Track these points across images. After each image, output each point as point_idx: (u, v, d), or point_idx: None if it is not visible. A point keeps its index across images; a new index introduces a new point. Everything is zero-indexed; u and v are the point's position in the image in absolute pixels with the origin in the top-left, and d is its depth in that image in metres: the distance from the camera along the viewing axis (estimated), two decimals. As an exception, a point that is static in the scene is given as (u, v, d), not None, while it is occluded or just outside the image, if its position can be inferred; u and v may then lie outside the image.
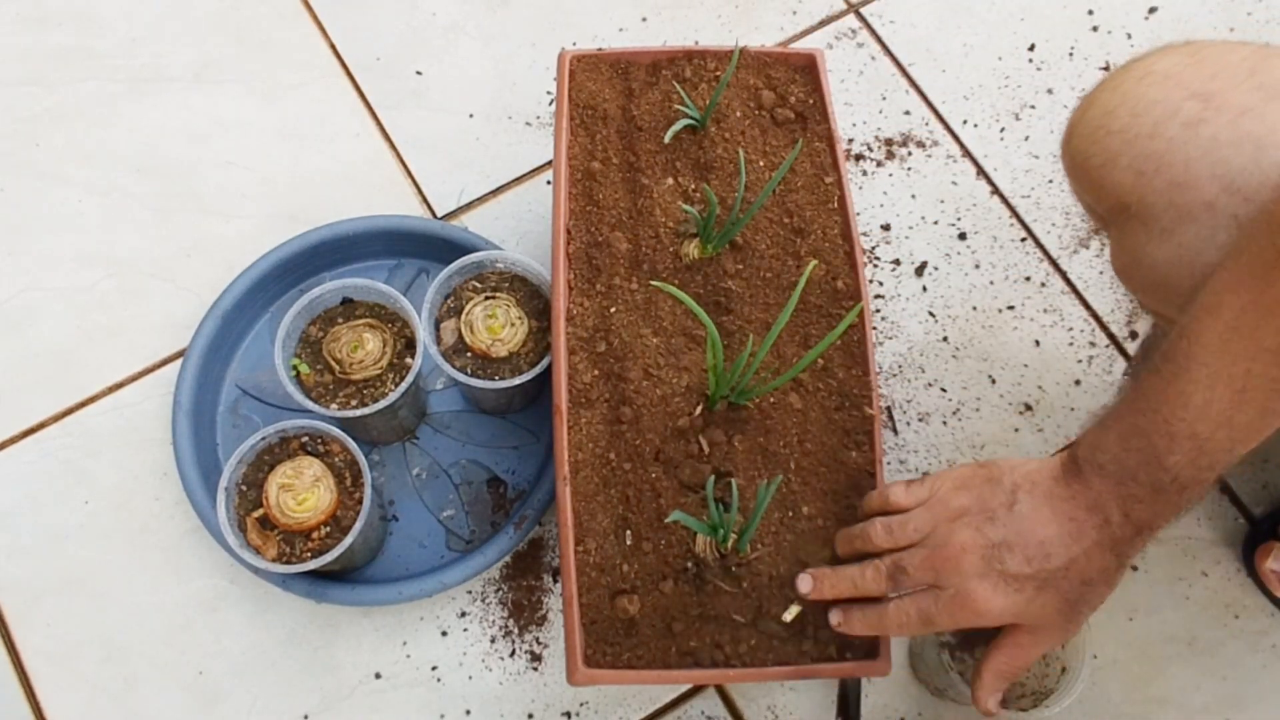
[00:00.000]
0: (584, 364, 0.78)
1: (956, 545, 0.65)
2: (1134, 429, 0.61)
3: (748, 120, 0.87)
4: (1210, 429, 0.59)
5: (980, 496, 0.66)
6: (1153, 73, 0.66)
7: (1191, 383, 0.58)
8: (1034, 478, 0.65)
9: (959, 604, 0.64)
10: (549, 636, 0.91)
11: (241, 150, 1.08)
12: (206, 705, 0.88)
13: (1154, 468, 0.60)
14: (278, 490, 0.80)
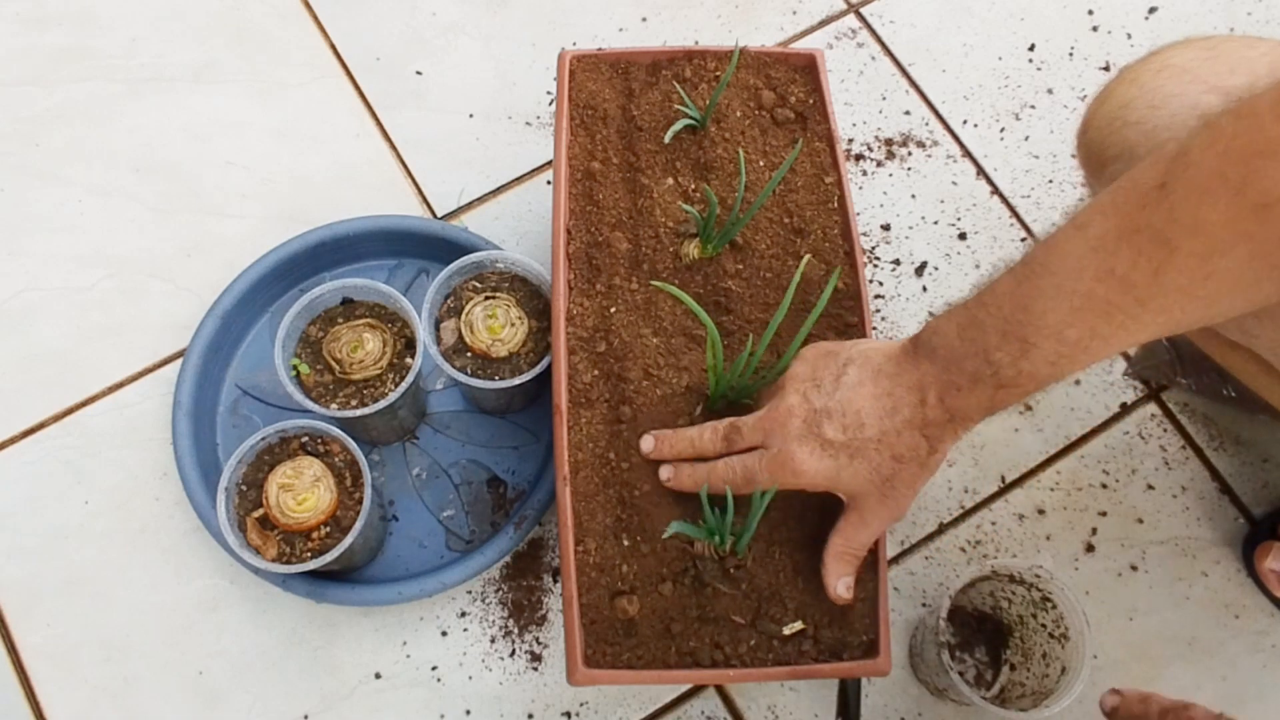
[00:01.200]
0: (584, 364, 0.78)
1: (785, 408, 0.69)
2: (972, 320, 0.63)
3: (748, 120, 0.87)
4: (1039, 337, 0.60)
5: (814, 366, 0.70)
6: (1170, 66, 0.66)
7: (1036, 289, 0.60)
8: (868, 354, 0.68)
9: (779, 463, 0.68)
10: (549, 636, 0.91)
11: (241, 150, 1.08)
12: (206, 705, 0.88)
13: (978, 360, 0.62)
14: (278, 490, 0.80)
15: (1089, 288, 0.58)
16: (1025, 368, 0.61)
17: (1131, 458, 0.99)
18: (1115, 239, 0.57)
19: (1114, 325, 0.58)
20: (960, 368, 0.63)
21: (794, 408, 0.68)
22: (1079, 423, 1.00)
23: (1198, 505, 0.97)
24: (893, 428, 0.65)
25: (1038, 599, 0.84)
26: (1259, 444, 0.99)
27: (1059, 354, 0.60)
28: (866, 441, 0.66)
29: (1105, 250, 0.57)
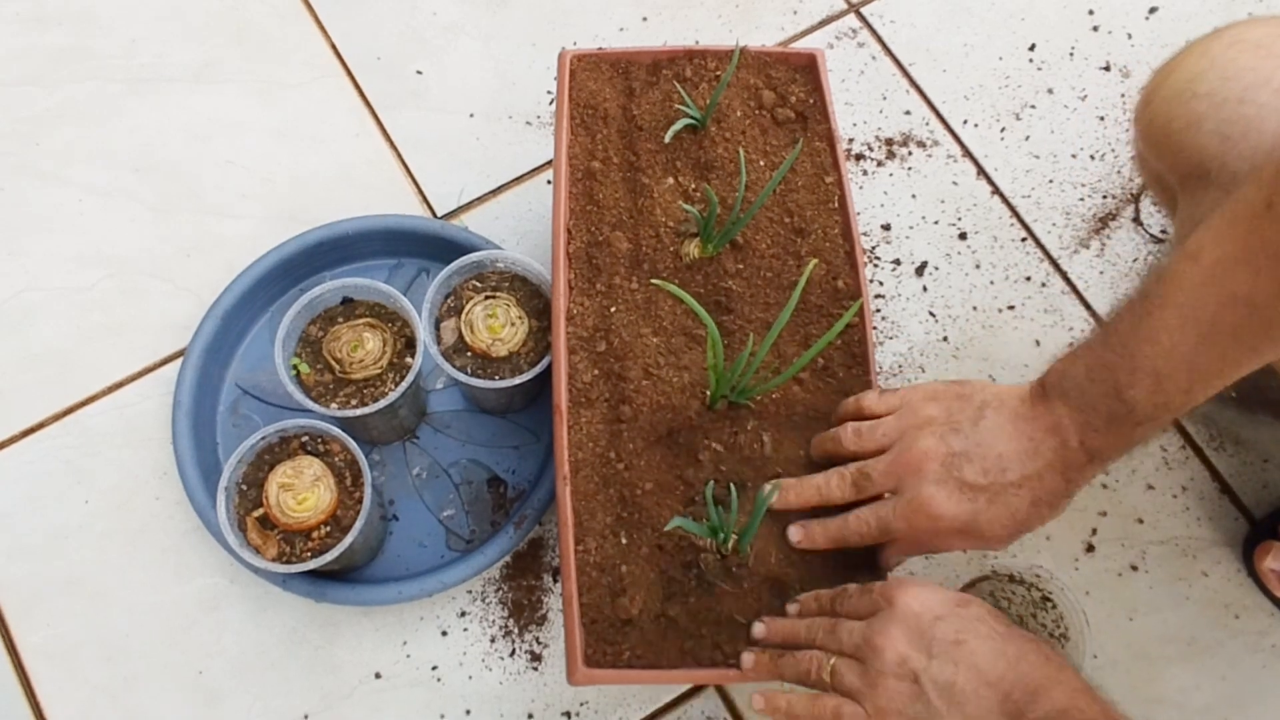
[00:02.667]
0: (584, 363, 0.78)
1: (919, 451, 0.67)
2: (1101, 362, 0.63)
3: (748, 120, 0.87)
4: (1171, 368, 0.60)
5: (948, 409, 0.68)
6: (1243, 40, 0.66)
7: (1161, 322, 0.60)
8: (1002, 397, 0.68)
9: (915, 508, 0.66)
10: (549, 636, 0.91)
11: (241, 150, 1.08)
12: (206, 705, 0.88)
13: (1113, 400, 0.62)
14: (278, 490, 0.80)
15: (1213, 314, 0.58)
16: (1161, 400, 0.61)
17: (1131, 457, 0.99)
18: (1232, 263, 0.57)
19: (1245, 347, 0.58)
20: (1095, 409, 0.63)
21: (930, 451, 0.67)
22: (1079, 423, 1.00)
23: (1198, 505, 0.97)
24: (1035, 471, 0.65)
25: (1038, 599, 0.84)
26: (1259, 444, 0.99)
27: (1192, 381, 0.60)
28: (1008, 485, 0.65)
29: (1223, 275, 0.57)
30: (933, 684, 0.59)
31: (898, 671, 0.61)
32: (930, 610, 0.62)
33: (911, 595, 0.63)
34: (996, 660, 0.59)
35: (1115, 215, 1.08)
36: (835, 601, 0.68)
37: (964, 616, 0.62)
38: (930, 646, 0.61)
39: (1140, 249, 1.07)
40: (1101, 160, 1.10)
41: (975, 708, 0.58)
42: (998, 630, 0.61)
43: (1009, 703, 0.58)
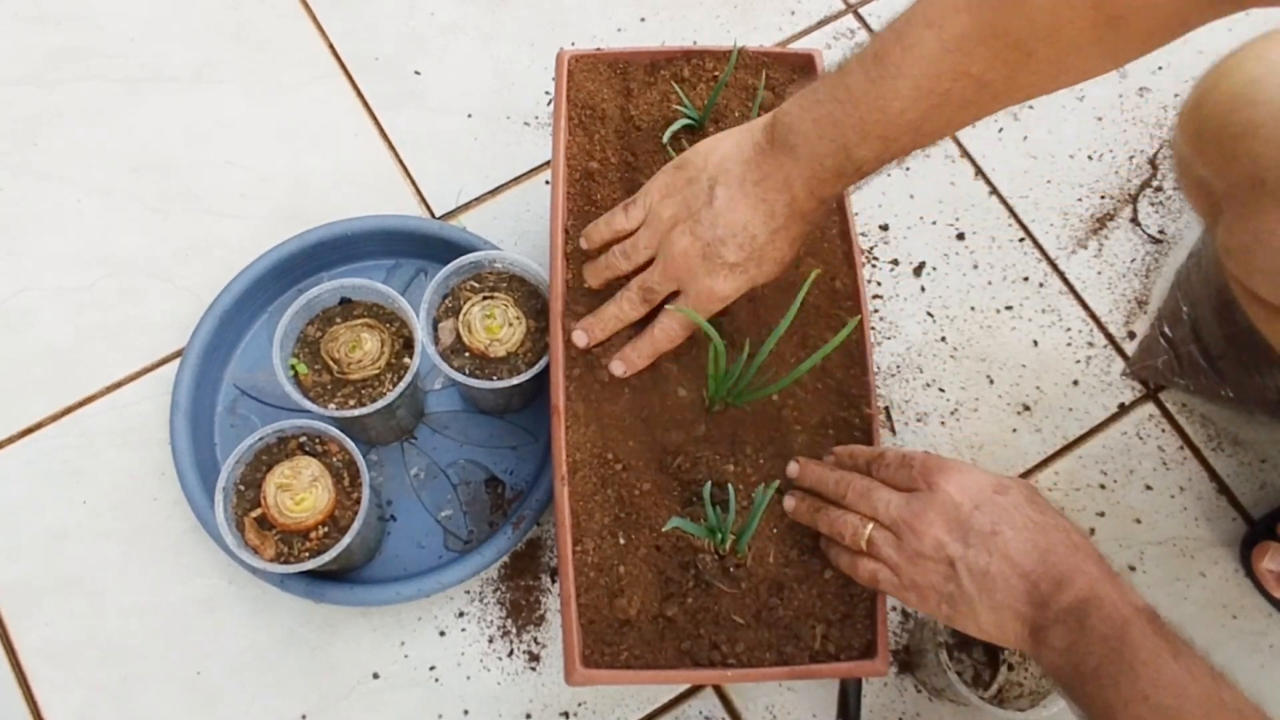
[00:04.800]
0: (581, 364, 0.77)
1: (679, 253, 0.72)
2: (831, 118, 0.65)
3: (746, 120, 0.87)
4: (898, 133, 0.64)
5: (684, 200, 0.72)
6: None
7: (894, 91, 0.62)
8: (726, 165, 0.71)
9: (701, 300, 0.73)
10: (547, 637, 0.91)
11: (240, 150, 1.08)
12: (204, 705, 0.88)
13: (841, 157, 0.66)
14: (275, 490, 0.80)
15: (946, 87, 0.61)
16: (886, 157, 0.66)
17: (1129, 458, 0.99)
18: (973, 42, 0.59)
19: (968, 115, 0.63)
20: (822, 164, 0.67)
21: (688, 249, 0.72)
22: (1077, 423, 1.00)
23: (1196, 505, 0.97)
24: (779, 226, 0.70)
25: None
26: (1257, 444, 0.99)
27: (915, 142, 0.65)
28: (763, 247, 0.71)
29: (962, 52, 0.60)
30: (967, 570, 0.64)
31: (934, 555, 0.65)
32: (970, 499, 0.65)
33: (953, 483, 0.66)
34: (1029, 552, 0.63)
35: (1113, 215, 1.08)
36: (872, 465, 0.72)
37: (1001, 505, 0.65)
38: (967, 535, 0.64)
39: (1138, 249, 1.07)
40: (1099, 161, 1.10)
41: (1005, 595, 0.63)
42: (1033, 520, 0.64)
43: (1036, 591, 0.62)
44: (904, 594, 0.67)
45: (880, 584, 0.68)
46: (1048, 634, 0.61)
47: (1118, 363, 1.03)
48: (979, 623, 0.64)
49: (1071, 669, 0.59)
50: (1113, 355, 1.03)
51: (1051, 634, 0.61)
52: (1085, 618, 0.60)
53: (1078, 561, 0.62)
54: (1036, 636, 0.62)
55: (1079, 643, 0.59)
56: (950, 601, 0.65)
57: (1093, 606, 0.60)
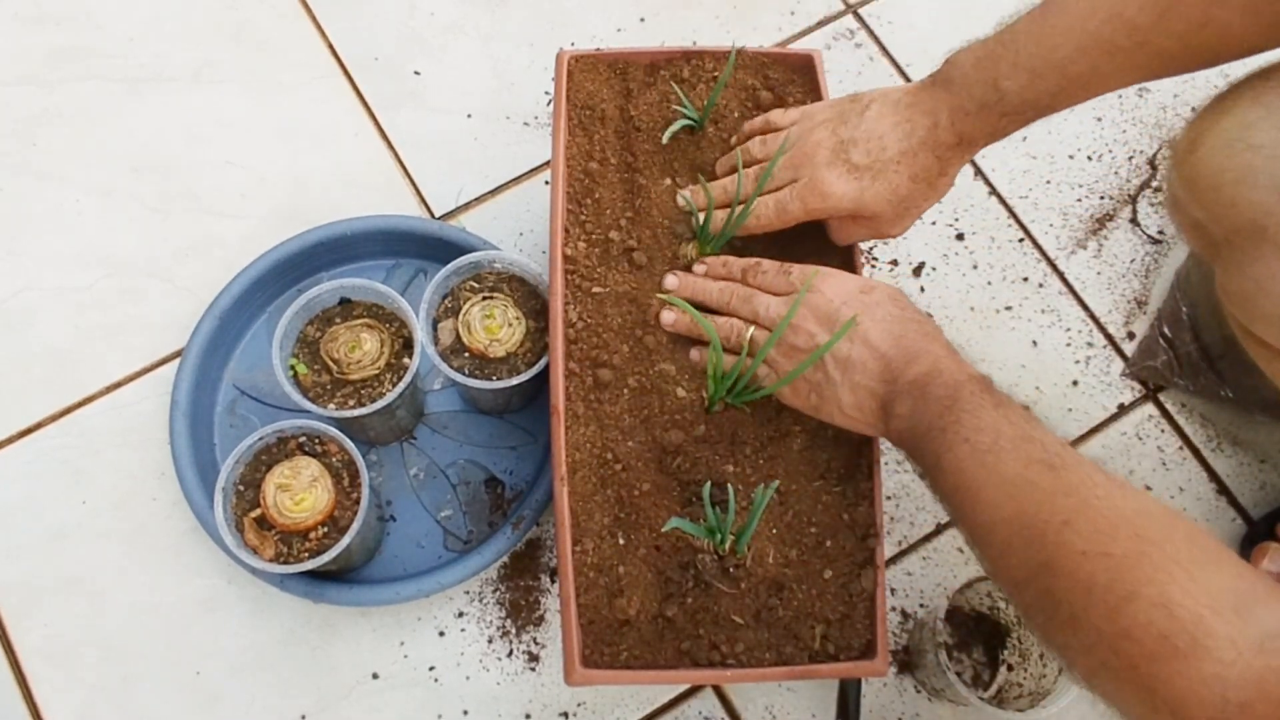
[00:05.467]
0: (581, 365, 0.77)
1: (812, 142, 0.76)
2: (988, 53, 0.70)
3: (746, 120, 0.87)
4: (1046, 69, 0.67)
5: (840, 109, 0.77)
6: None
7: (1051, 27, 0.67)
8: (888, 92, 0.76)
9: (809, 189, 0.75)
10: (546, 637, 0.91)
11: (240, 150, 1.08)
12: (204, 705, 0.88)
13: (987, 87, 0.69)
14: (275, 490, 0.80)
15: (1096, 28, 0.64)
16: (1029, 97, 0.68)
17: (1129, 458, 0.99)
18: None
19: (1114, 64, 0.66)
20: (970, 94, 0.70)
21: (822, 141, 0.75)
22: (1076, 423, 1.00)
23: (1195, 506, 0.97)
24: (910, 148, 0.73)
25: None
26: (1257, 445, 0.99)
27: (1060, 87, 0.67)
28: (888, 162, 0.73)
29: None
30: (831, 357, 0.70)
31: (806, 346, 0.72)
32: (839, 297, 0.72)
33: (826, 284, 0.73)
34: (884, 337, 0.69)
35: (1112, 216, 1.08)
36: (747, 273, 0.77)
37: (865, 301, 0.71)
38: (834, 327, 0.71)
39: (1137, 249, 1.07)
40: (1099, 161, 1.10)
41: (862, 375, 0.69)
42: (891, 313, 0.71)
43: (889, 370, 0.68)
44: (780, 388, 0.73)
45: (759, 380, 0.75)
46: (895, 404, 0.67)
47: (1117, 363, 1.03)
48: (841, 406, 0.70)
49: (911, 431, 0.65)
50: (1112, 356, 1.03)
51: (898, 403, 0.67)
52: (926, 386, 0.66)
53: (926, 344, 0.69)
54: (886, 409, 0.68)
55: (919, 406, 0.65)
56: (817, 389, 0.71)
57: (933, 376, 0.66)
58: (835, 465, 0.77)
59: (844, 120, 0.75)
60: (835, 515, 0.75)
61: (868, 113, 0.75)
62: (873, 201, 0.74)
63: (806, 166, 0.76)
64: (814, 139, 0.76)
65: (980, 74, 0.70)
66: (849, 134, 0.74)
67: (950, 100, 0.71)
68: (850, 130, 0.74)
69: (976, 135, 0.72)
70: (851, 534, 0.75)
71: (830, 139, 0.75)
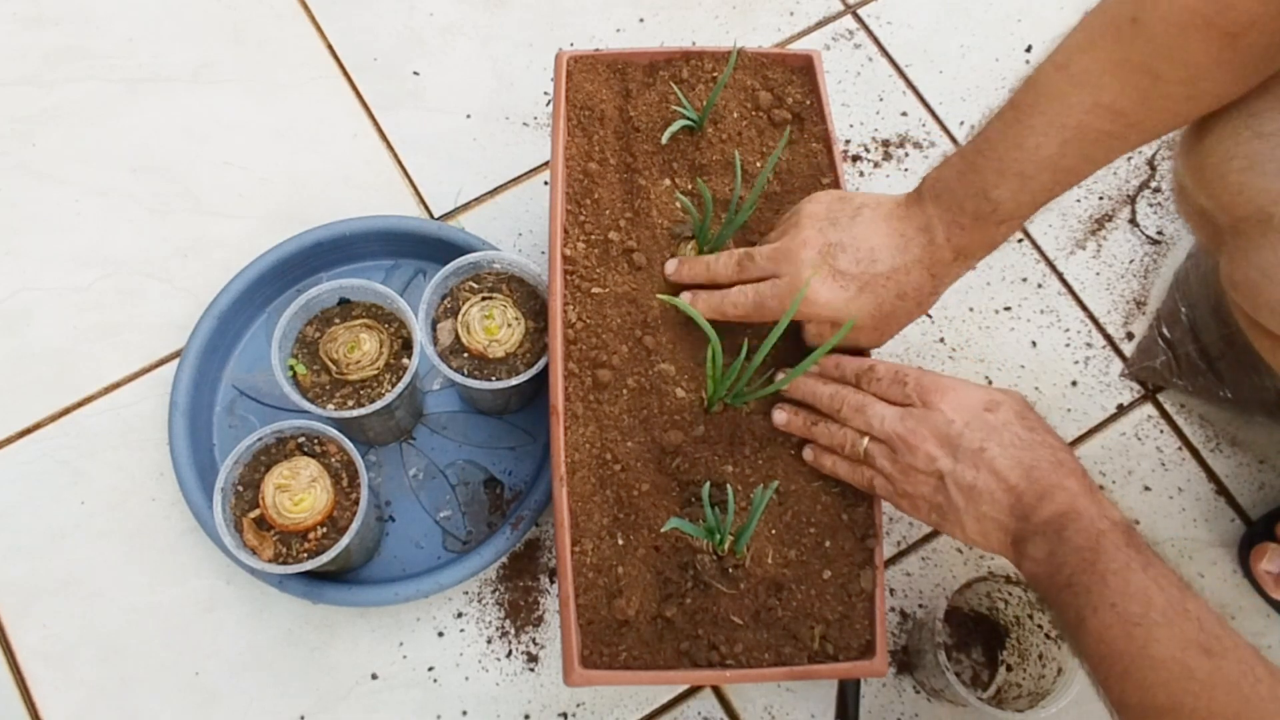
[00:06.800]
0: (580, 365, 0.77)
1: (799, 240, 0.73)
2: (971, 165, 0.68)
3: (745, 121, 0.87)
4: (1036, 170, 0.66)
5: (829, 207, 0.75)
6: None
7: (1028, 128, 0.65)
8: (880, 200, 0.74)
9: (789, 290, 0.73)
10: (546, 637, 0.91)
11: (239, 150, 1.08)
12: (203, 705, 0.88)
13: (980, 199, 0.68)
14: (274, 491, 0.80)
15: (1079, 120, 0.63)
16: (1024, 199, 0.67)
17: (1128, 459, 0.99)
18: (1099, 73, 0.62)
19: (1103, 149, 0.65)
20: (962, 208, 0.69)
21: (809, 240, 0.73)
22: (1075, 424, 1.00)
23: (1194, 507, 0.97)
24: (903, 264, 0.71)
25: (1034, 600, 0.84)
26: (1255, 445, 0.99)
27: (1054, 181, 0.66)
28: (877, 276, 0.71)
29: (1090, 85, 0.62)
30: (955, 484, 0.67)
31: (926, 468, 0.68)
32: (961, 416, 0.68)
33: (947, 402, 0.69)
34: (1014, 467, 0.65)
35: (1111, 216, 1.08)
36: (861, 378, 0.74)
37: (990, 423, 0.68)
38: (957, 451, 0.67)
39: (1136, 250, 1.07)
40: (1098, 162, 1.10)
41: (990, 507, 0.66)
42: (1020, 437, 0.67)
43: (1019, 505, 0.65)
44: (898, 501, 0.71)
45: (877, 490, 0.72)
46: (1028, 545, 0.64)
47: (1116, 364, 1.03)
48: (965, 532, 0.68)
49: (1049, 578, 0.62)
50: (1111, 356, 1.03)
51: (1032, 545, 0.63)
52: (1063, 530, 0.62)
53: (1060, 478, 0.65)
54: (1018, 547, 0.65)
55: (1056, 553, 0.62)
56: (939, 511, 0.68)
57: (1071, 519, 0.62)
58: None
59: (834, 222, 0.73)
60: (834, 515, 0.75)
61: (859, 218, 0.73)
62: (855, 312, 0.73)
63: (789, 264, 0.73)
64: (800, 237, 0.73)
65: (967, 187, 0.68)
66: (837, 238, 0.72)
67: (943, 215, 0.70)
68: (839, 234, 0.72)
69: (974, 248, 0.71)
70: (850, 534, 0.75)
71: (817, 239, 0.73)
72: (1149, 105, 0.62)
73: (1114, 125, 0.63)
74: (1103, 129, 0.63)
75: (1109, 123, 0.63)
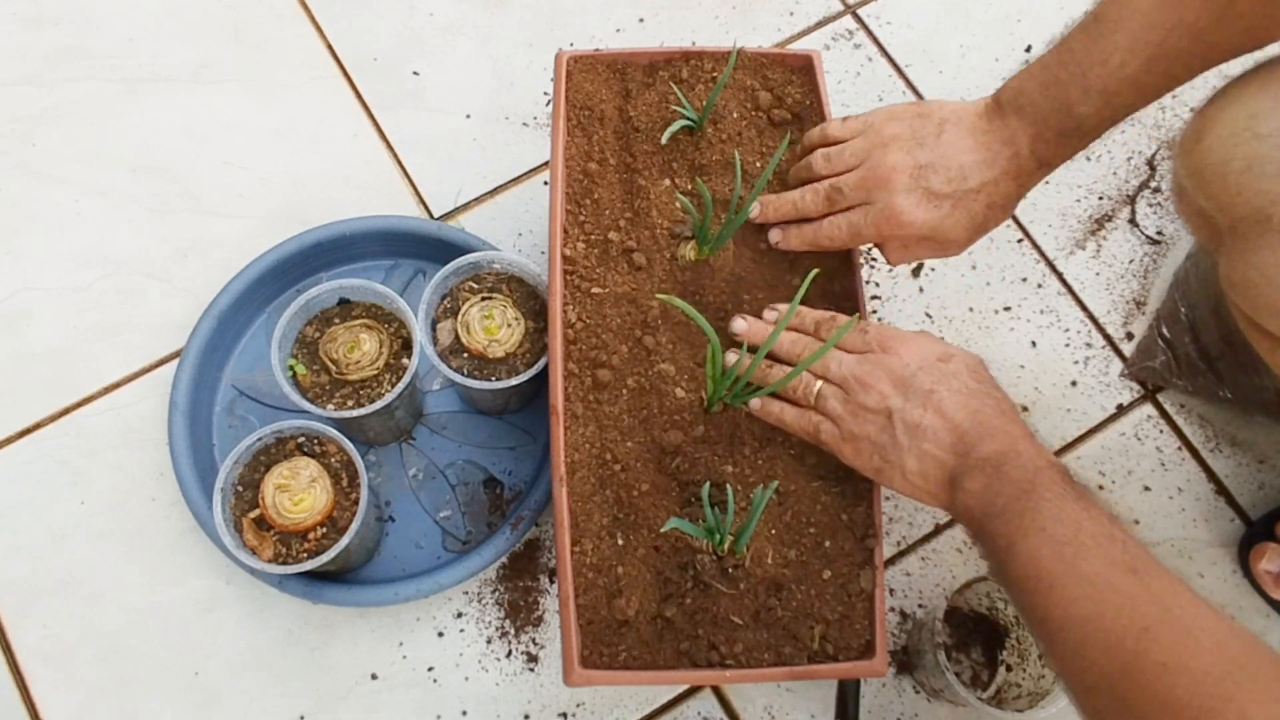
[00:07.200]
0: (580, 365, 0.77)
1: (888, 165, 0.74)
2: (1054, 79, 0.69)
3: (744, 121, 0.87)
4: (1119, 86, 0.67)
5: (912, 126, 0.75)
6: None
7: (1113, 45, 0.66)
8: (960, 113, 0.74)
9: (885, 216, 0.74)
10: (545, 637, 0.91)
11: (238, 150, 1.08)
12: (202, 706, 0.88)
13: (1064, 115, 0.69)
14: (274, 491, 0.80)
15: (1161, 38, 0.64)
16: (1106, 115, 0.68)
17: (1128, 459, 0.99)
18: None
19: (1184, 68, 0.66)
20: (1046, 123, 0.70)
21: (898, 164, 0.73)
22: (1075, 424, 1.00)
23: (1194, 507, 0.97)
24: (992, 178, 0.72)
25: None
26: (1255, 445, 0.99)
27: (1135, 99, 0.67)
28: (969, 191, 0.72)
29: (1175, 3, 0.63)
30: (902, 421, 0.69)
31: (876, 407, 0.70)
32: (916, 361, 0.71)
33: (904, 347, 0.71)
34: (959, 410, 0.68)
35: (1111, 216, 1.08)
36: (821, 326, 0.76)
37: (943, 370, 0.70)
38: (907, 391, 0.69)
39: (1136, 250, 1.07)
40: (1097, 161, 1.10)
41: (932, 443, 0.67)
42: (969, 386, 0.69)
43: (961, 443, 0.67)
44: (842, 446, 0.72)
45: (821, 435, 0.73)
46: (965, 479, 0.65)
47: (1116, 364, 1.03)
48: (905, 471, 0.68)
49: (982, 510, 0.63)
50: (1111, 356, 1.03)
51: (968, 479, 0.65)
52: (1001, 465, 0.64)
53: (1002, 422, 0.67)
54: (954, 482, 0.66)
55: (992, 485, 0.63)
56: (882, 451, 0.69)
57: (1010, 457, 0.64)
58: (834, 465, 0.76)
59: (920, 143, 0.74)
60: (834, 515, 0.75)
61: (944, 136, 0.73)
62: (951, 229, 0.74)
63: (882, 190, 0.74)
64: (890, 161, 0.74)
65: (1052, 102, 0.69)
66: (927, 158, 0.73)
67: (1027, 129, 0.71)
68: (928, 154, 0.73)
69: (1057, 158, 0.72)
70: (850, 534, 0.75)
71: (907, 161, 0.73)
72: (1225, 23, 0.63)
73: (1194, 44, 0.64)
74: (1184, 47, 0.64)
75: (1190, 41, 0.64)
